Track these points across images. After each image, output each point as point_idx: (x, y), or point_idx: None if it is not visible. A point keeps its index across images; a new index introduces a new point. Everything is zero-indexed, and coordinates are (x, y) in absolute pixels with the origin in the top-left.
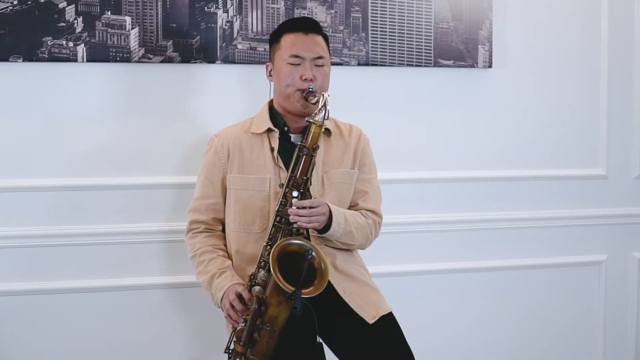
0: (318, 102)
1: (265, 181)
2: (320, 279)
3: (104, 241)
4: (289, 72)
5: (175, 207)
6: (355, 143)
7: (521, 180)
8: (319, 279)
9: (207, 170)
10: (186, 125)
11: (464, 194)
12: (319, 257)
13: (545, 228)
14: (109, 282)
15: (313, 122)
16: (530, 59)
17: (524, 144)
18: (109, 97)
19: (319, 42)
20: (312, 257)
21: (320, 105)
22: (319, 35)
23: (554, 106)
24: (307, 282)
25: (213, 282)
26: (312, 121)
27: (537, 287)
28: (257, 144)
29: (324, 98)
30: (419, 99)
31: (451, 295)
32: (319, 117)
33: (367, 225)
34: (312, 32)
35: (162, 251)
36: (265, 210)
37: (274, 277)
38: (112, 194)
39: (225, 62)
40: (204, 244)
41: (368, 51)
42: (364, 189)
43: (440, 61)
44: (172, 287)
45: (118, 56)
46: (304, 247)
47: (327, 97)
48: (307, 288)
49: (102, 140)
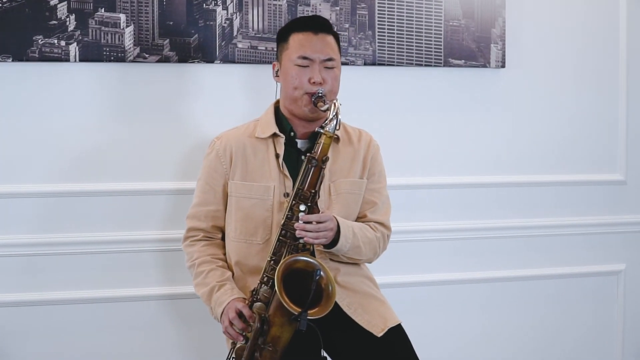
0: (329, 111)
1: (269, 190)
2: (327, 300)
3: (96, 250)
4: (297, 75)
5: (172, 214)
6: (364, 150)
7: (536, 186)
8: (325, 300)
9: (208, 175)
10: (183, 129)
11: (476, 201)
12: (326, 278)
13: (560, 236)
14: (102, 294)
15: (324, 132)
16: (545, 59)
17: (539, 148)
18: (102, 98)
19: (329, 43)
20: (320, 277)
21: (332, 114)
22: (329, 35)
23: (570, 108)
24: (313, 302)
25: (212, 295)
26: (322, 131)
27: (552, 298)
28: (262, 150)
29: (335, 107)
30: (428, 101)
31: (463, 306)
32: (330, 127)
33: (376, 239)
34: (322, 31)
35: (158, 260)
36: (268, 221)
37: (279, 297)
38: (105, 200)
39: (224, 62)
40: (203, 253)
41: (375, 50)
42: (372, 199)
43: (450, 61)
44: (169, 298)
45: (112, 56)
46: (312, 266)
47: (339, 106)
48: (312, 309)
49: (96, 144)
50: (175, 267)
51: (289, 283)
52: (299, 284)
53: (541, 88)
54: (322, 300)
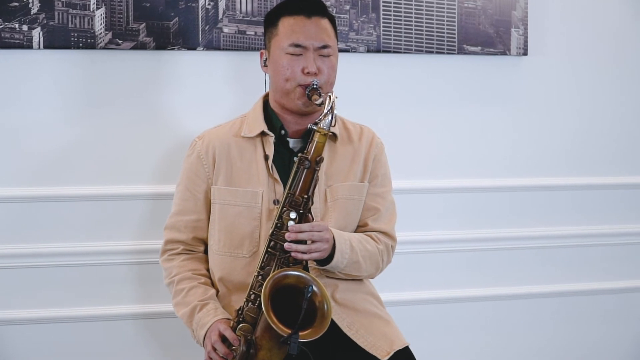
0: (323, 105)
1: (257, 196)
2: (321, 320)
3: (62, 263)
4: (289, 64)
5: (149, 222)
6: (366, 149)
7: (561, 189)
8: (320, 321)
9: (188, 180)
10: (161, 125)
11: (494, 207)
12: (320, 294)
13: (588, 247)
14: (68, 312)
15: (317, 129)
16: (572, 45)
17: (564, 146)
18: (69, 90)
19: (324, 27)
20: (313, 293)
21: (327, 109)
22: (324, 18)
23: (600, 102)
24: (305, 323)
25: (194, 316)
26: (315, 128)
27: (579, 316)
28: (249, 150)
29: (330, 100)
30: (440, 93)
31: (479, 325)
32: (324, 124)
33: (378, 252)
34: (316, 14)
35: (133, 275)
36: (255, 231)
37: (267, 318)
38: (72, 206)
39: (208, 49)
40: (183, 268)
41: (379, 35)
42: (375, 205)
43: (465, 47)
44: (145, 317)
45: (81, 42)
46: (304, 281)
47: (334, 100)
48: (304, 330)
49: (61, 142)
50: (153, 283)
51: (279, 301)
52: (290, 302)
53: (568, 78)
54: (316, 321)
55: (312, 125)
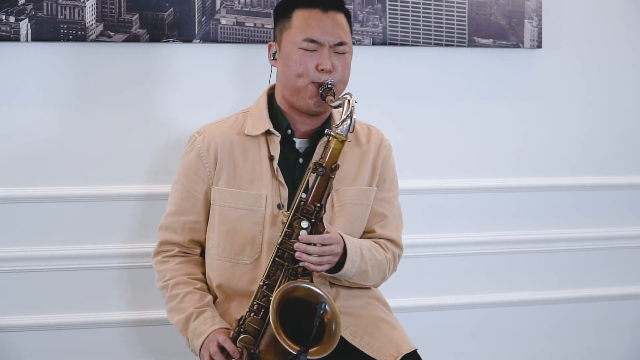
0: (341, 108)
1: (261, 199)
2: (330, 338)
3: (48, 267)
4: (302, 60)
5: (141, 225)
6: (374, 152)
7: (579, 189)
8: (328, 339)
9: (186, 179)
10: (156, 122)
11: (505, 208)
12: (332, 312)
13: (609, 250)
14: (55, 319)
15: (334, 135)
16: (589, 37)
17: (582, 143)
18: (58, 85)
19: (340, 23)
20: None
21: (345, 114)
22: (340, 13)
23: (619, 98)
24: (314, 340)
25: (189, 324)
26: (333, 134)
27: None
28: (252, 150)
29: (349, 105)
30: (449, 88)
31: (490, 333)
32: (342, 130)
33: (386, 261)
34: (332, 8)
35: (124, 279)
36: (258, 237)
37: (275, 332)
38: (60, 207)
39: (205, 41)
40: (178, 272)
41: (386, 27)
42: (382, 211)
43: (476, 40)
44: (137, 325)
45: (70, 34)
46: (315, 296)
47: (354, 104)
48: (312, 347)
49: (49, 139)
50: (145, 288)
51: (286, 314)
52: (296, 315)
53: (584, 72)
54: (324, 338)
55: (329, 131)
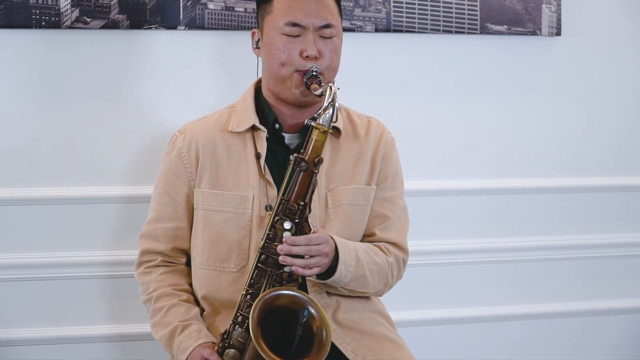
0: (323, 96)
1: (247, 200)
2: (319, 348)
3: (21, 276)
4: (284, 46)
5: (123, 229)
6: (374, 146)
7: (605, 191)
8: (318, 348)
9: (167, 182)
10: (137, 116)
11: (519, 211)
12: (319, 318)
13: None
14: (30, 333)
15: (315, 126)
16: (612, 24)
17: (603, 139)
18: (29, 76)
19: (326, 4)
20: (310, 317)
21: (327, 102)
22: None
23: None
24: (302, 351)
25: (174, 339)
26: (314, 125)
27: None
28: (237, 148)
29: (331, 92)
30: (459, 79)
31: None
32: (324, 120)
33: (387, 265)
34: None
35: (105, 290)
36: (244, 242)
37: (257, 347)
38: (34, 210)
39: (190, 28)
40: (161, 283)
41: (389, 12)
42: (384, 212)
43: (489, 26)
44: (120, 339)
45: (43, 20)
46: (299, 303)
47: (335, 91)
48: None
49: (20, 137)
50: (128, 299)
51: (271, 325)
52: (284, 325)
53: (607, 62)
54: (313, 349)
55: (309, 121)
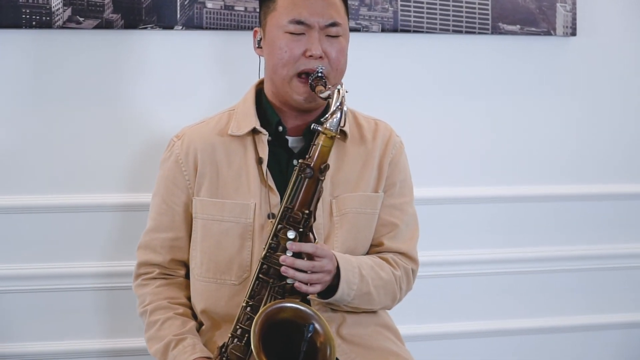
0: (330, 99)
1: (248, 209)
2: None
3: (12, 288)
4: (288, 46)
5: (119, 239)
6: (381, 151)
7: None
8: None
9: (165, 190)
10: (133, 120)
11: (534, 219)
12: (323, 334)
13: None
14: (22, 348)
15: (322, 130)
16: (628, 24)
17: (624, 144)
18: (19, 78)
19: (332, 2)
20: (315, 331)
21: (334, 106)
22: None
23: None
24: None
25: (168, 354)
26: (320, 129)
27: None
28: (238, 152)
29: (339, 95)
30: (470, 81)
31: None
32: (331, 124)
33: (395, 280)
34: None
35: (100, 302)
36: (246, 253)
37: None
38: (24, 219)
39: (188, 28)
40: (158, 296)
41: (397, 12)
42: (392, 220)
43: (501, 26)
44: (116, 354)
45: (34, 20)
46: (304, 317)
47: (344, 94)
48: None
49: (10, 141)
50: (124, 312)
51: (272, 339)
52: (286, 339)
53: (624, 63)
54: None
55: (316, 126)
